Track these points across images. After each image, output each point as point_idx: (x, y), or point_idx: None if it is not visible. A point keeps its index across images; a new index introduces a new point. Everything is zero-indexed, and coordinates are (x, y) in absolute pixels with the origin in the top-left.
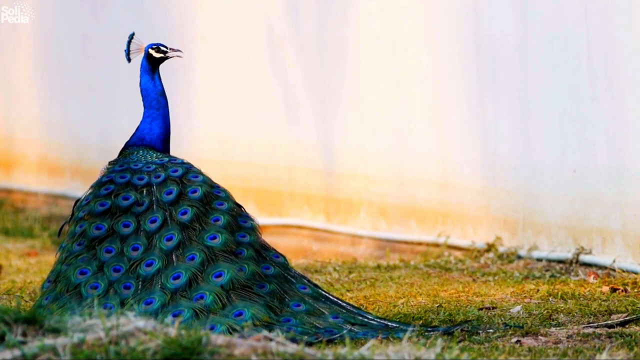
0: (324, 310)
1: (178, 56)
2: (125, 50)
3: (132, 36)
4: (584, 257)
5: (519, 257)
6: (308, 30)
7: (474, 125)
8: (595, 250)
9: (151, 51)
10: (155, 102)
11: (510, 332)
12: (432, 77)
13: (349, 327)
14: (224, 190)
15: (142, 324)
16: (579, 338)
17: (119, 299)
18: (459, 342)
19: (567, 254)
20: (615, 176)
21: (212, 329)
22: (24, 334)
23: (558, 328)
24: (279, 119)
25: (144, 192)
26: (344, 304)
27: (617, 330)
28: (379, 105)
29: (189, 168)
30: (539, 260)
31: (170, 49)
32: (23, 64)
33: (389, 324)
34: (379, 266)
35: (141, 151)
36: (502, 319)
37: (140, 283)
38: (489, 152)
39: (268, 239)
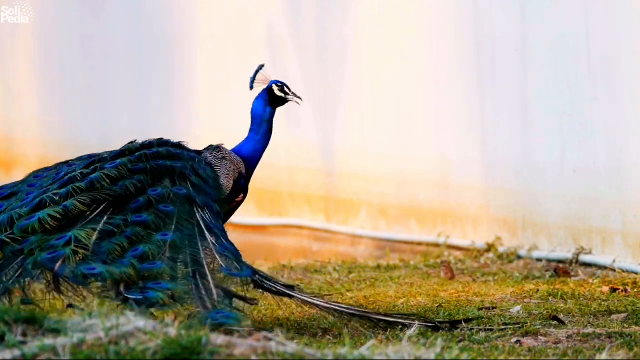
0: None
1: (297, 102)
2: (250, 78)
3: (261, 67)
4: (584, 257)
5: (519, 257)
6: (308, 30)
7: (474, 125)
8: (595, 250)
9: (275, 87)
10: (258, 128)
11: (510, 332)
12: (432, 77)
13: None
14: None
15: (142, 324)
16: (579, 338)
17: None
18: (459, 342)
19: (567, 254)
20: (615, 176)
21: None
22: (24, 334)
23: (558, 328)
24: (279, 119)
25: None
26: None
27: (617, 330)
28: (379, 105)
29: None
30: (539, 260)
31: (292, 93)
32: (23, 64)
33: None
34: (379, 266)
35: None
36: (502, 319)
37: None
38: (489, 152)
39: (268, 239)
